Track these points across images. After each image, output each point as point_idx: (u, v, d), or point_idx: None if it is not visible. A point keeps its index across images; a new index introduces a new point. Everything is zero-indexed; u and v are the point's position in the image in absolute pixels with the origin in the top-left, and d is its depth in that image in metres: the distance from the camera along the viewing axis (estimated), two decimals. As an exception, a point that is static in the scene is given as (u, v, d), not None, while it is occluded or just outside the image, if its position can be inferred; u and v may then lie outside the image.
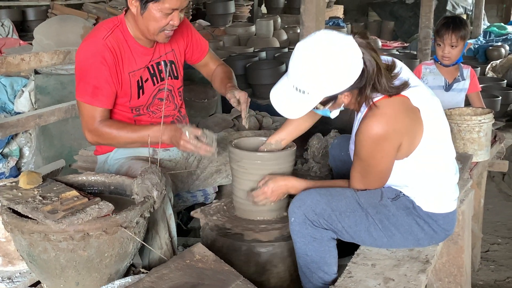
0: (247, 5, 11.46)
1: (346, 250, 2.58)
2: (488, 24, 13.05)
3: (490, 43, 10.47)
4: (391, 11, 14.63)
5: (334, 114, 2.38)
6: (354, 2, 16.15)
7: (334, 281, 2.33)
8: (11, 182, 2.28)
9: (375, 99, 2.24)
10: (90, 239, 2.02)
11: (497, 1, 16.00)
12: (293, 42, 9.41)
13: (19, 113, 4.85)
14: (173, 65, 2.99)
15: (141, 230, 2.20)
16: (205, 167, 3.10)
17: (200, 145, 2.60)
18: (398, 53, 9.54)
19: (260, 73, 6.74)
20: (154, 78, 2.90)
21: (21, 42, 6.22)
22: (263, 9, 13.12)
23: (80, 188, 2.35)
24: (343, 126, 3.42)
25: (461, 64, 4.03)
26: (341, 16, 13.88)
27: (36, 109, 4.55)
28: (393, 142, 2.24)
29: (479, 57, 9.98)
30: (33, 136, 5.05)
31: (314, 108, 2.29)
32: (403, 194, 2.38)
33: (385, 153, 2.26)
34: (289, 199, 2.76)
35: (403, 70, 2.33)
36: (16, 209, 2.07)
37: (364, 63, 2.17)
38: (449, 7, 14.11)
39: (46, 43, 4.92)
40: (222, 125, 4.07)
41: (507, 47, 10.09)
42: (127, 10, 2.77)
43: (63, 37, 4.91)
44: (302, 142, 3.42)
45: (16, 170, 4.95)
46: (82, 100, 2.71)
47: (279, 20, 10.14)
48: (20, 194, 2.16)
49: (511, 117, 7.74)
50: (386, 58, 2.36)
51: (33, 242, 2.03)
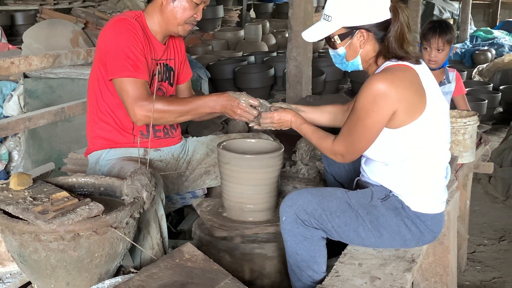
0: (236, 10, 11.51)
1: (334, 251, 2.62)
2: (475, 29, 13.19)
3: (477, 47, 10.57)
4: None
5: (351, 66, 2.46)
6: (342, 7, 16.17)
7: (323, 280, 2.36)
8: (2, 184, 2.29)
9: (390, 64, 2.33)
10: (81, 240, 2.05)
11: (484, 6, 16.14)
12: (282, 46, 9.45)
13: (8, 117, 4.86)
14: (172, 73, 3.05)
15: (131, 231, 2.23)
16: (194, 169, 3.13)
17: (256, 113, 2.70)
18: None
19: (249, 77, 6.78)
20: (160, 76, 2.96)
21: (10, 46, 6.21)
22: (252, 14, 13.17)
23: (70, 190, 2.36)
24: (331, 129, 3.46)
25: (447, 68, 4.07)
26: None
27: (25, 113, 4.56)
28: (391, 103, 2.24)
29: (466, 61, 10.08)
30: (22, 140, 5.05)
31: (333, 48, 2.43)
32: (393, 194, 2.40)
33: (379, 111, 2.26)
34: (280, 200, 2.80)
35: None
36: (7, 210, 2.08)
37: (394, 16, 2.31)
38: (436, 12, 14.21)
39: (36, 47, 4.93)
40: (211, 128, 4.09)
41: (494, 51, 10.20)
42: (147, 5, 2.90)
43: (53, 41, 4.92)
44: (290, 145, 3.46)
45: (5, 174, 4.95)
46: (125, 75, 2.68)
47: (268, 25, 10.18)
48: (11, 195, 2.18)
49: (497, 121, 7.84)
50: None
51: (24, 243, 2.05)
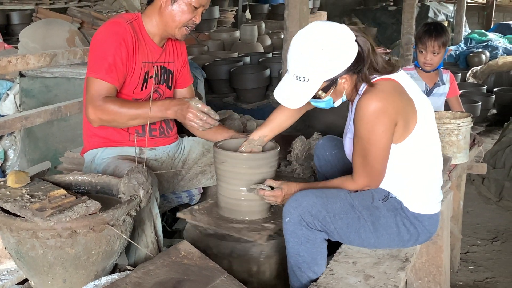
0: (232, 11, 11.53)
1: (329, 249, 2.64)
2: (469, 31, 13.23)
3: (471, 50, 10.62)
4: (374, 18, 14.76)
5: (338, 103, 2.44)
6: (337, 9, 16.26)
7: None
8: (-1, 182, 2.32)
9: (372, 80, 2.33)
10: (78, 237, 2.06)
11: (478, 8, 16.20)
12: (277, 47, 9.48)
13: (4, 116, 4.86)
14: (171, 76, 3.07)
15: (128, 228, 2.24)
16: (190, 168, 3.15)
17: (206, 118, 2.69)
18: (381, 59, 9.62)
19: (244, 78, 6.80)
20: (156, 78, 2.98)
21: (6, 46, 6.21)
22: (248, 15, 13.18)
23: (67, 188, 2.36)
24: (326, 129, 3.49)
25: (441, 70, 4.10)
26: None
27: (21, 112, 4.56)
28: (392, 117, 2.27)
29: (460, 63, 10.12)
30: (18, 139, 5.06)
31: (318, 99, 2.38)
32: (392, 195, 2.43)
33: (385, 128, 2.28)
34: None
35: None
36: (5, 207, 2.10)
37: (359, 45, 2.30)
38: (431, 14, 14.27)
39: (32, 46, 4.94)
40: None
41: (488, 54, 10.25)
42: (147, 7, 2.92)
43: (49, 40, 4.93)
44: (286, 145, 3.48)
45: (1, 173, 4.95)
46: (95, 76, 2.73)
47: (263, 26, 10.21)
48: (9, 193, 2.19)
49: (491, 122, 7.89)
50: None
51: (21, 240, 2.06)
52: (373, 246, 2.48)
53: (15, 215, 2.06)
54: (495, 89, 8.24)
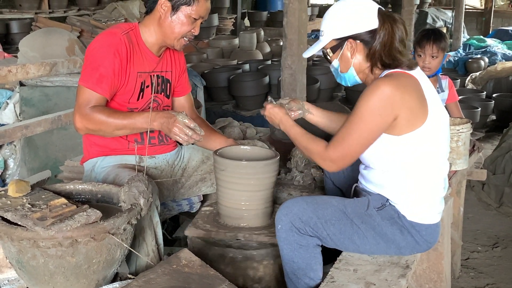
0: (231, 18, 11.56)
1: (329, 257, 2.64)
2: (468, 37, 13.26)
3: (470, 56, 10.64)
4: (373, 24, 14.76)
5: (351, 80, 2.52)
6: (336, 16, 16.24)
7: (318, 285, 2.39)
8: (0, 191, 2.31)
9: (390, 71, 2.38)
10: (79, 246, 2.06)
11: (477, 14, 16.24)
12: (276, 55, 9.50)
13: (4, 125, 4.87)
14: (169, 84, 3.07)
15: (128, 237, 2.25)
16: (190, 176, 3.15)
17: (192, 134, 2.66)
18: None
19: (244, 85, 6.81)
20: (154, 88, 2.98)
21: (6, 55, 6.23)
22: (246, 22, 13.22)
23: (68, 197, 2.37)
24: (326, 135, 3.49)
25: (440, 76, 4.10)
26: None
27: (22, 121, 4.57)
28: (395, 107, 2.27)
29: (459, 69, 10.13)
30: (18, 148, 5.06)
31: (330, 63, 2.53)
32: (389, 203, 2.42)
33: (382, 112, 2.27)
34: (275, 206, 2.82)
35: None
36: (6, 217, 2.10)
37: (380, 21, 2.38)
38: (429, 20, 14.30)
39: (32, 56, 4.95)
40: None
41: (486, 60, 10.26)
42: (145, 16, 2.92)
43: (49, 50, 4.93)
44: (285, 152, 3.48)
45: (1, 182, 4.95)
46: (85, 85, 2.74)
47: (262, 33, 10.24)
48: (9, 202, 2.19)
49: (490, 128, 7.89)
50: None
51: (22, 249, 2.06)
52: (370, 252, 2.48)
53: (16, 225, 2.06)
54: (494, 95, 8.24)
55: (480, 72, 9.36)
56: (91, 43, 2.86)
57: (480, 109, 7.09)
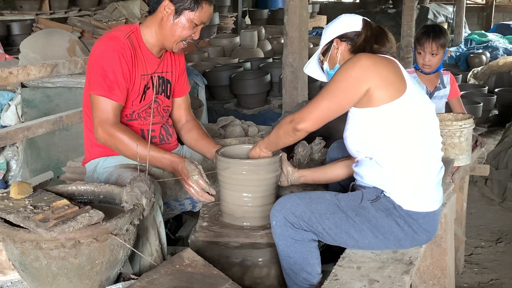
0: (231, 17, 11.57)
1: (332, 256, 2.64)
2: (469, 32, 13.24)
3: (471, 51, 10.62)
4: (373, 21, 14.58)
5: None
6: (337, 12, 16.20)
7: (320, 282, 2.40)
8: (2, 193, 2.31)
9: None
10: (81, 247, 2.06)
11: (478, 9, 16.22)
12: (277, 53, 9.50)
13: (6, 127, 4.87)
14: (169, 85, 3.08)
15: (131, 237, 2.24)
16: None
17: (202, 194, 2.72)
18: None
19: (245, 84, 6.81)
20: (155, 89, 2.99)
21: (7, 56, 6.25)
22: (247, 20, 13.22)
23: (70, 198, 2.37)
24: (328, 134, 3.48)
25: (441, 71, 4.09)
26: (324, 26, 13.96)
27: (23, 122, 4.57)
28: (366, 74, 2.36)
29: (461, 65, 10.12)
30: (20, 149, 5.07)
31: (321, 67, 2.68)
32: (384, 195, 2.43)
33: (355, 79, 2.36)
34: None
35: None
36: (8, 219, 2.09)
37: (365, 26, 2.58)
38: (431, 16, 14.28)
39: (33, 57, 4.95)
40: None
41: (488, 54, 10.25)
42: (147, 17, 2.94)
43: (50, 51, 4.94)
44: (288, 150, 3.47)
45: (3, 184, 4.96)
46: (98, 94, 2.74)
47: (263, 31, 10.23)
48: (12, 204, 2.19)
49: (493, 123, 7.89)
50: None
51: (25, 251, 2.06)
52: (370, 247, 2.47)
53: (19, 227, 2.06)
54: (496, 90, 8.24)
55: (482, 67, 9.36)
56: (95, 49, 2.84)
57: (482, 104, 7.08)
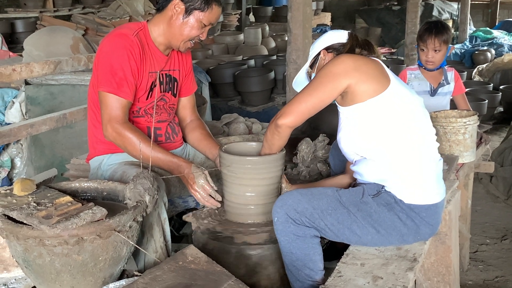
0: (235, 14, 11.56)
1: (336, 254, 2.64)
2: (474, 29, 13.20)
3: (476, 48, 10.60)
4: (378, 18, 14.75)
5: None
6: (341, 9, 16.26)
7: (322, 279, 2.40)
8: (6, 190, 2.31)
9: None
10: (85, 244, 2.06)
11: (483, 6, 16.17)
12: (281, 50, 9.49)
13: (10, 124, 4.88)
14: (176, 83, 3.08)
15: (134, 234, 2.24)
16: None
17: (208, 199, 2.75)
18: (386, 59, 9.63)
19: (249, 81, 6.81)
20: (161, 86, 2.99)
21: (11, 54, 6.25)
22: (251, 18, 13.21)
23: (74, 195, 2.36)
24: (332, 131, 3.47)
25: (445, 68, 4.07)
26: (329, 23, 13.97)
27: (27, 120, 4.58)
28: (346, 70, 2.40)
29: (466, 62, 10.10)
30: (24, 147, 5.08)
31: (309, 79, 2.69)
32: (385, 190, 2.43)
33: (336, 75, 2.40)
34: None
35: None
36: (11, 216, 2.09)
37: (350, 37, 2.62)
38: (435, 13, 14.25)
39: (36, 54, 4.96)
40: (212, 132, 4.10)
41: (493, 51, 10.23)
42: (156, 14, 2.93)
43: (53, 48, 4.95)
44: (292, 147, 3.47)
45: (8, 181, 4.97)
46: (107, 91, 2.74)
47: (267, 28, 10.22)
48: (15, 201, 2.19)
49: (498, 120, 7.86)
50: None
51: (28, 248, 2.06)
52: (373, 243, 2.47)
53: (22, 223, 2.06)
54: (501, 87, 8.21)
55: (487, 64, 9.33)
56: (103, 46, 2.84)
57: (487, 101, 7.06)
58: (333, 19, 15.08)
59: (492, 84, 8.33)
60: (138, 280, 2.00)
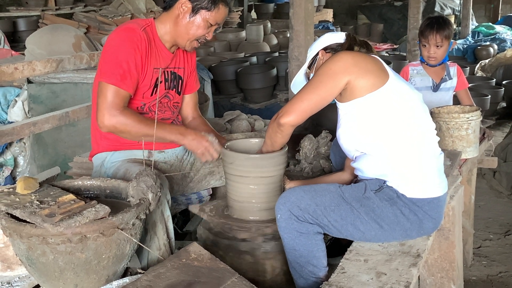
0: (237, 11, 11.55)
1: (339, 250, 2.63)
2: (476, 24, 13.17)
3: (479, 43, 10.57)
4: (380, 14, 14.72)
5: None
6: (343, 6, 16.23)
7: (326, 275, 2.40)
8: (9, 188, 2.32)
9: None
10: (88, 241, 2.06)
11: (485, 1, 16.12)
12: (283, 47, 9.48)
13: (13, 123, 4.88)
14: (180, 81, 3.08)
15: (138, 232, 2.24)
16: (199, 169, 3.15)
17: (215, 155, 2.86)
18: (388, 55, 9.62)
19: (251, 78, 6.80)
20: (166, 84, 3.00)
21: (13, 53, 6.25)
22: (253, 15, 13.20)
23: (77, 193, 2.37)
24: (334, 127, 3.47)
25: (447, 63, 4.06)
26: (331, 20, 13.96)
27: (29, 118, 4.58)
28: (345, 67, 2.41)
29: (468, 57, 10.07)
30: (27, 145, 5.08)
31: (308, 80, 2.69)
32: (387, 185, 2.43)
33: (336, 73, 2.41)
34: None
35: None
36: (14, 214, 2.10)
37: (348, 38, 2.66)
38: (437, 8, 14.22)
39: (38, 53, 4.96)
40: (215, 129, 4.11)
41: (496, 47, 10.20)
42: (163, 12, 2.94)
43: (55, 46, 4.95)
44: (294, 144, 3.47)
45: (11, 180, 4.98)
46: (109, 82, 2.73)
47: (269, 25, 10.21)
48: (18, 200, 2.19)
49: (501, 115, 7.85)
50: None
51: (32, 246, 2.06)
52: (377, 239, 2.47)
53: (25, 222, 2.06)
54: (504, 82, 8.19)
55: (490, 59, 9.31)
56: (110, 39, 2.84)
57: (490, 97, 7.04)
58: (335, 16, 15.07)
59: (495, 79, 8.30)
60: (142, 278, 2.00)
